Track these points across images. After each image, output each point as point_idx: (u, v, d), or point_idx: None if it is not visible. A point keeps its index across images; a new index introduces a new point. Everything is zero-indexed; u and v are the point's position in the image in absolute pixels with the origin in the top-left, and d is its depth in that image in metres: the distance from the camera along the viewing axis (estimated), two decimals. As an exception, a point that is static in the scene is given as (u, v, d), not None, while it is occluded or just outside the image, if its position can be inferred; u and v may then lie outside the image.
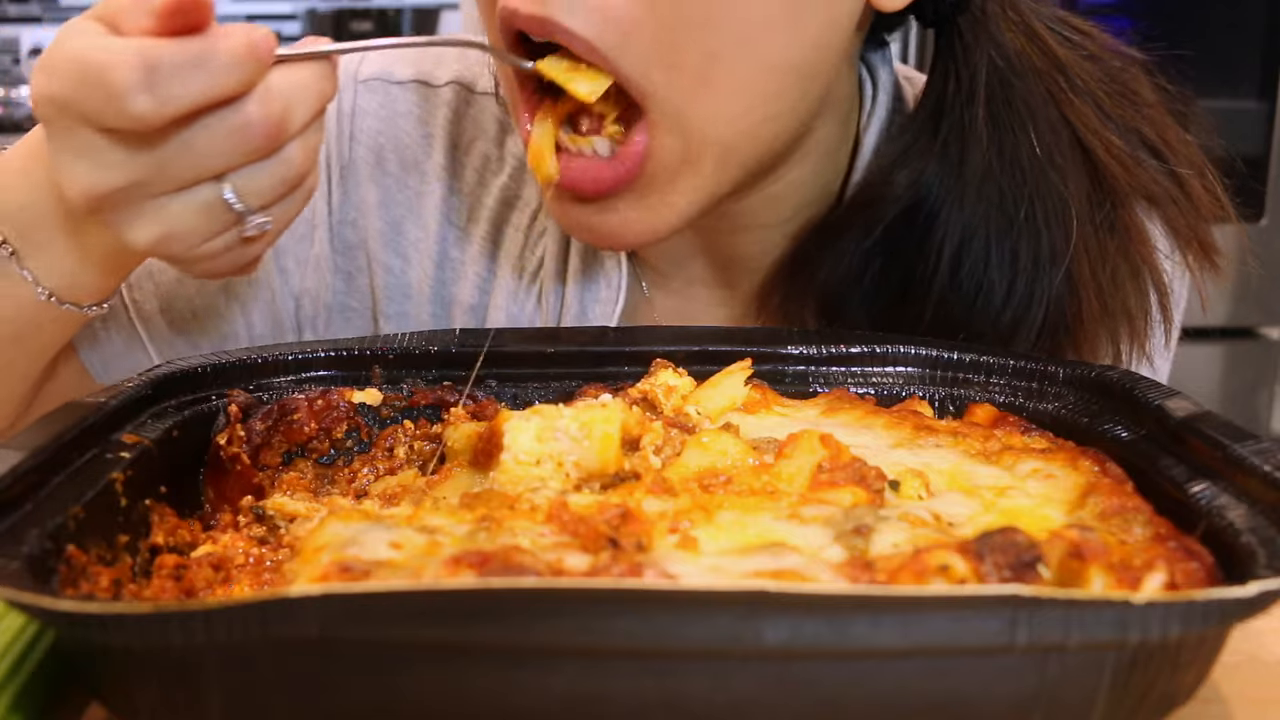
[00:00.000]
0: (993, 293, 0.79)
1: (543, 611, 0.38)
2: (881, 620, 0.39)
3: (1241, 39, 2.02)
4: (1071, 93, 0.79)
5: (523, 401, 0.69)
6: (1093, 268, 0.79)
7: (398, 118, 0.92)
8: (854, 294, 0.82)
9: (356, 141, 0.91)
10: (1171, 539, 0.50)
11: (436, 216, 0.91)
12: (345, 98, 0.91)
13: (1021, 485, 0.56)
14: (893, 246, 0.81)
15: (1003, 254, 0.78)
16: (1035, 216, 0.78)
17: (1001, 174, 0.78)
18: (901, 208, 0.80)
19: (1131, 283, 0.81)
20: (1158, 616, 0.39)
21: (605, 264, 0.89)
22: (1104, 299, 0.80)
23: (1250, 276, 0.97)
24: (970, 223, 0.78)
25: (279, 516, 0.58)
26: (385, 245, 0.92)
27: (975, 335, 0.79)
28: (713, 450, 0.57)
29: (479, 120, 0.92)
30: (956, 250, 0.79)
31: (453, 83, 0.93)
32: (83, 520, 0.49)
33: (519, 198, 0.91)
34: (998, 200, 0.78)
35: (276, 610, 0.38)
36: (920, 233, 0.79)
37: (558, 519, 0.48)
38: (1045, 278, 0.78)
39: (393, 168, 0.92)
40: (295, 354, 0.68)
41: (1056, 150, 0.78)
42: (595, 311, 0.88)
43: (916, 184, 0.79)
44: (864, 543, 0.48)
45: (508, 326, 0.90)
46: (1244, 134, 2.02)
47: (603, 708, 0.40)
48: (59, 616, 0.40)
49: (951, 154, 0.79)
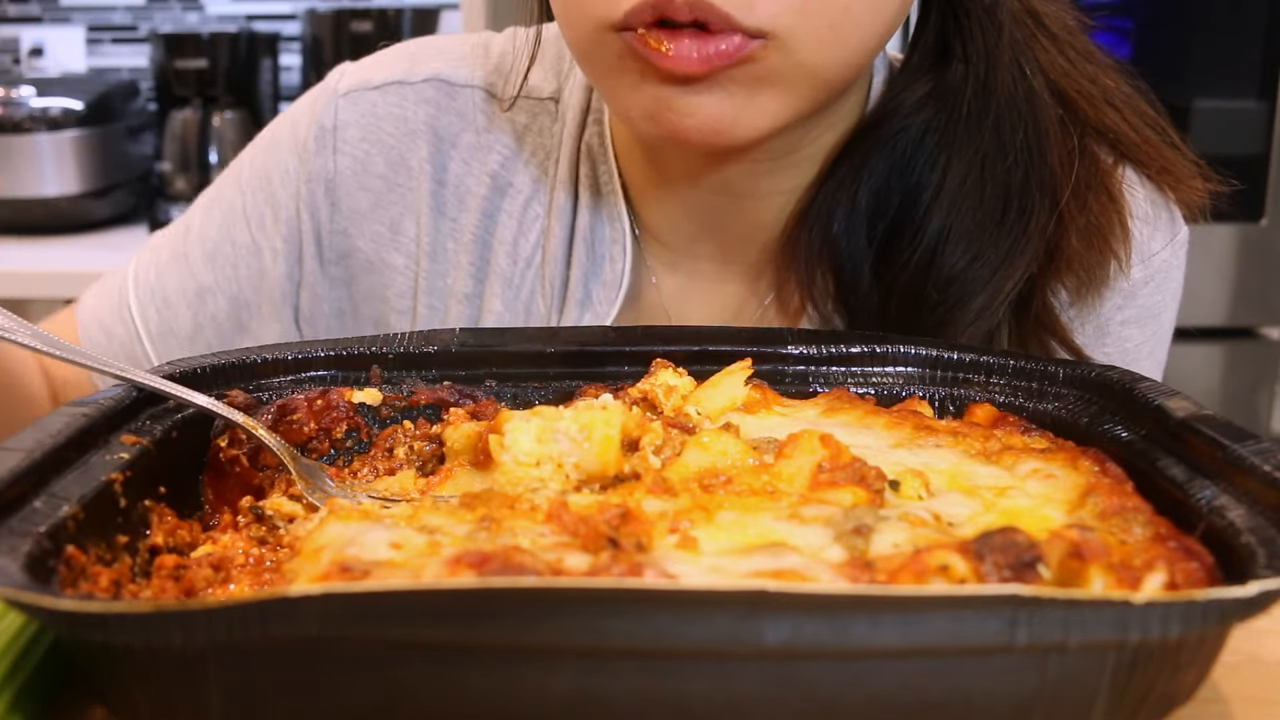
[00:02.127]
0: (988, 223, 0.83)
1: (543, 611, 0.38)
2: (881, 620, 0.39)
3: (1241, 39, 2.02)
4: (1043, 36, 0.83)
5: (523, 401, 0.69)
6: (1073, 195, 0.83)
7: (379, 121, 0.93)
8: (859, 234, 0.85)
9: (340, 154, 0.92)
10: (1171, 539, 0.50)
11: (427, 210, 0.92)
12: (328, 114, 0.93)
13: (1021, 485, 0.56)
14: (898, 182, 0.84)
15: (997, 184, 0.82)
16: (1028, 147, 0.82)
17: (990, 109, 0.82)
18: (906, 143, 0.84)
19: (1103, 215, 0.85)
20: (1158, 616, 0.39)
21: (610, 246, 0.89)
22: (1082, 229, 0.84)
23: (1250, 276, 0.99)
24: (967, 157, 0.83)
25: (278, 517, 0.58)
26: (385, 245, 0.93)
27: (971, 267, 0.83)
28: (713, 450, 0.57)
29: (463, 112, 0.93)
30: (961, 180, 0.82)
31: (431, 79, 0.93)
32: (82, 521, 0.49)
33: (511, 185, 0.92)
34: (993, 134, 0.82)
35: (276, 610, 0.38)
36: (923, 169, 0.83)
37: (558, 519, 0.48)
38: (1034, 204, 0.82)
39: (380, 169, 0.92)
40: (294, 354, 0.68)
41: (1035, 85, 0.82)
42: (598, 294, 0.89)
43: (919, 119, 0.84)
44: (864, 543, 0.48)
45: (505, 315, 0.91)
46: (1244, 134, 2.02)
47: (603, 707, 0.40)
48: (59, 616, 0.40)
49: (947, 90, 0.83)
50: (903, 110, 0.84)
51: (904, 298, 0.84)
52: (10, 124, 2.22)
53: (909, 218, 0.84)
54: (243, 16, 2.69)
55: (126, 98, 2.46)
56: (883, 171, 0.84)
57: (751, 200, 0.88)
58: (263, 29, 2.57)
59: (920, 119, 0.84)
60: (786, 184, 0.87)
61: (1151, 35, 2.00)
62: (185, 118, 2.37)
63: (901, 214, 0.84)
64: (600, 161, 0.91)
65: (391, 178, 0.92)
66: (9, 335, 0.59)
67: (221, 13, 2.70)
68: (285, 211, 0.94)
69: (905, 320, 0.84)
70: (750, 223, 0.89)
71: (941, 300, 0.83)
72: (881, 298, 0.85)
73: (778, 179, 0.87)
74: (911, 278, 0.83)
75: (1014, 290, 0.83)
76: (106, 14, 2.73)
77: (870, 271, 0.85)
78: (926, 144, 0.84)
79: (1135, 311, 0.90)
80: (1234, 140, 2.01)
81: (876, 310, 0.86)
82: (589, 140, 0.91)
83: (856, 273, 0.85)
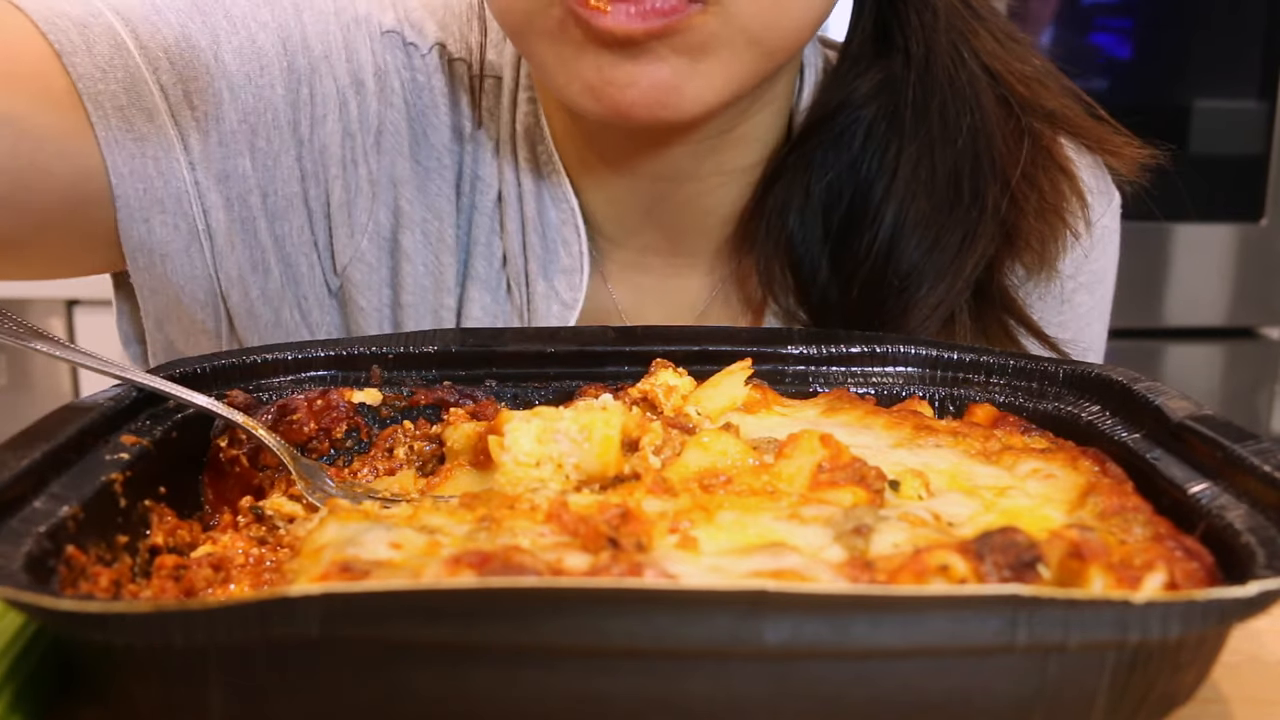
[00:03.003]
0: (942, 209, 0.84)
1: (543, 611, 0.38)
2: (881, 620, 0.39)
3: (1241, 39, 2.02)
4: (974, 20, 0.85)
5: (523, 401, 0.69)
6: (1023, 175, 0.85)
7: (416, 85, 0.87)
8: (814, 227, 0.85)
9: (390, 106, 0.86)
10: (1171, 539, 0.50)
11: (448, 205, 0.89)
12: (370, 56, 0.84)
13: (1021, 485, 0.56)
14: (850, 174, 0.85)
15: (947, 170, 0.84)
16: (974, 132, 0.84)
17: (934, 96, 0.84)
18: (856, 135, 0.85)
19: (1054, 190, 0.87)
20: (1158, 616, 0.39)
21: (561, 229, 0.87)
22: (1035, 207, 0.86)
23: (1250, 276, 1.00)
24: (916, 145, 0.84)
25: (278, 516, 0.58)
26: (412, 227, 0.87)
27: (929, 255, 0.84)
28: (713, 450, 0.57)
29: (458, 92, 0.88)
30: (913, 168, 0.84)
31: (436, 44, 0.88)
32: (82, 521, 0.49)
33: (478, 178, 0.88)
34: (939, 120, 0.84)
35: (277, 610, 0.38)
36: (873, 159, 0.84)
37: (558, 519, 0.48)
38: (985, 186, 0.84)
39: (416, 134, 0.87)
40: (294, 354, 0.68)
41: (974, 69, 0.84)
42: (560, 282, 0.86)
43: (867, 111, 0.85)
44: (864, 543, 0.48)
45: (483, 319, 0.88)
46: (1243, 134, 2.02)
47: (603, 707, 0.40)
48: (59, 616, 0.40)
49: (891, 80, 0.84)
50: (853, 102, 0.85)
51: (865, 288, 0.85)
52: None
53: (863, 209, 0.85)
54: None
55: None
56: (834, 164, 0.85)
57: (694, 184, 0.86)
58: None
59: (869, 111, 0.85)
60: (728, 165, 0.86)
61: (1151, 35, 2.00)
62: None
63: (855, 205, 0.85)
64: (538, 142, 0.87)
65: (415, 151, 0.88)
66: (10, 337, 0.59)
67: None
68: (340, 152, 0.84)
69: (867, 311, 0.85)
70: (696, 209, 0.88)
71: (903, 288, 0.84)
72: (841, 289, 0.86)
73: (719, 158, 0.85)
74: (870, 268, 0.84)
75: (974, 273, 0.84)
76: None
77: (828, 264, 0.86)
78: (875, 134, 0.85)
79: (1086, 278, 0.93)
80: (1233, 140, 2.01)
81: (837, 302, 0.86)
82: (525, 121, 0.88)
83: (814, 265, 0.86)
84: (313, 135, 0.83)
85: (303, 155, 0.83)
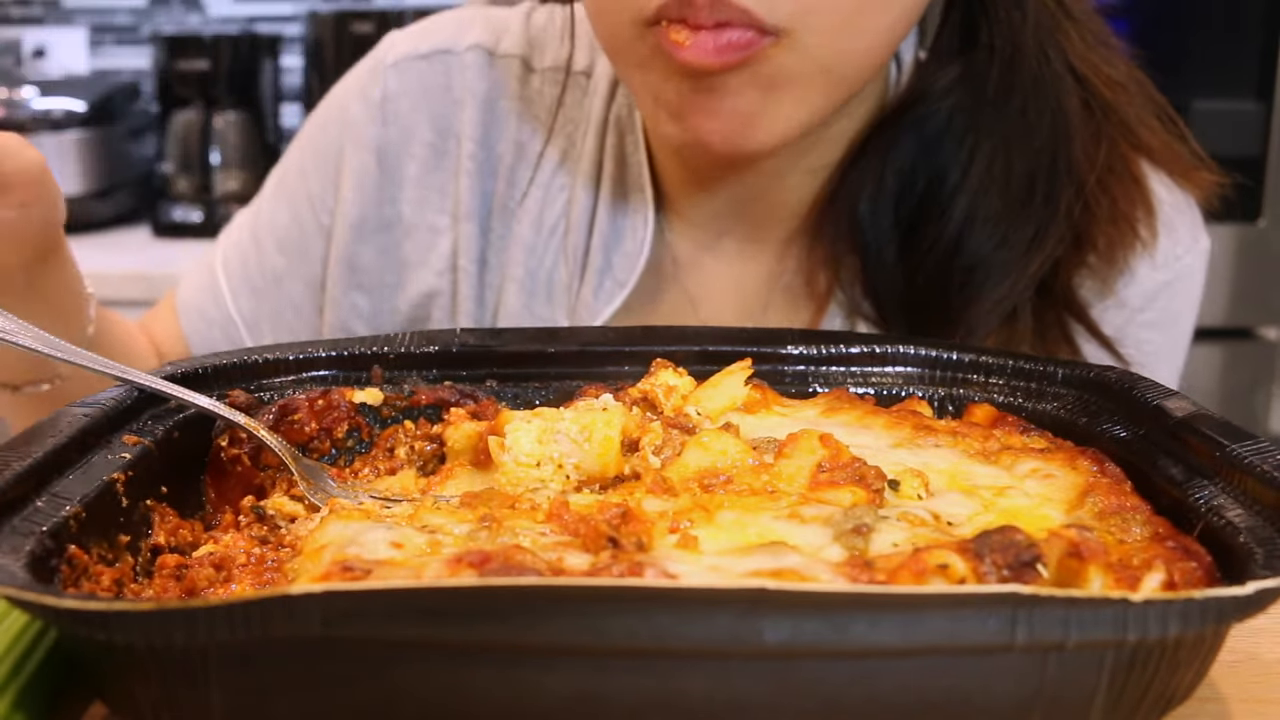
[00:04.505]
0: (1014, 207, 0.84)
1: (543, 610, 0.38)
2: (881, 619, 0.39)
3: (1241, 39, 2.02)
4: (1065, 20, 0.85)
5: (523, 401, 0.69)
6: (1098, 180, 0.85)
7: (427, 91, 0.95)
8: (885, 216, 0.86)
9: (389, 125, 0.95)
10: (1170, 538, 0.50)
11: (466, 175, 0.94)
12: (375, 88, 0.95)
13: (1020, 485, 0.56)
14: (925, 165, 0.86)
15: (1024, 168, 0.84)
16: (1054, 131, 0.83)
17: (1016, 92, 0.83)
18: (933, 127, 0.85)
19: (1127, 200, 0.86)
20: (1156, 616, 0.40)
21: (633, 216, 0.91)
22: (1108, 214, 0.85)
23: (1248, 276, 1.00)
24: (994, 140, 0.84)
25: (279, 516, 0.59)
26: (430, 209, 0.95)
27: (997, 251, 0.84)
28: (713, 450, 0.57)
29: (501, 82, 0.95)
30: (988, 164, 0.84)
31: (474, 47, 0.96)
32: (84, 520, 0.49)
33: (540, 155, 0.94)
34: (1019, 117, 0.83)
35: (278, 609, 0.38)
36: (949, 152, 0.85)
37: (558, 518, 0.48)
38: (1060, 188, 0.84)
39: (429, 138, 0.95)
40: (296, 354, 0.68)
41: (1059, 69, 0.84)
42: (619, 263, 0.90)
43: (946, 103, 0.85)
44: (863, 542, 0.48)
45: (526, 281, 0.92)
46: (1242, 134, 2.02)
47: (603, 706, 0.40)
48: (62, 615, 0.40)
49: (973, 74, 0.84)
50: (932, 95, 0.86)
51: (929, 279, 0.85)
52: (13, 125, 2.22)
53: (935, 200, 0.85)
54: (244, 18, 2.69)
55: (128, 99, 2.47)
56: (909, 154, 0.86)
57: (776, 179, 0.89)
58: (264, 30, 2.57)
59: (948, 103, 0.85)
60: (815, 163, 0.89)
61: (1149, 35, 2.00)
62: (187, 119, 2.37)
63: (927, 197, 0.86)
64: (628, 132, 0.93)
65: (439, 144, 0.95)
66: (10, 338, 0.59)
67: (223, 14, 2.70)
68: (342, 190, 0.96)
69: (931, 303, 0.85)
70: (775, 203, 0.90)
71: (967, 282, 0.84)
72: (907, 279, 0.87)
73: (806, 159, 0.88)
74: (936, 260, 0.85)
75: (1039, 272, 0.84)
76: (109, 15, 2.73)
77: (896, 253, 0.87)
78: (953, 127, 0.85)
79: (1155, 314, 0.91)
80: (1232, 141, 2.01)
81: (903, 294, 0.87)
82: (618, 111, 0.94)
83: (881, 253, 0.87)
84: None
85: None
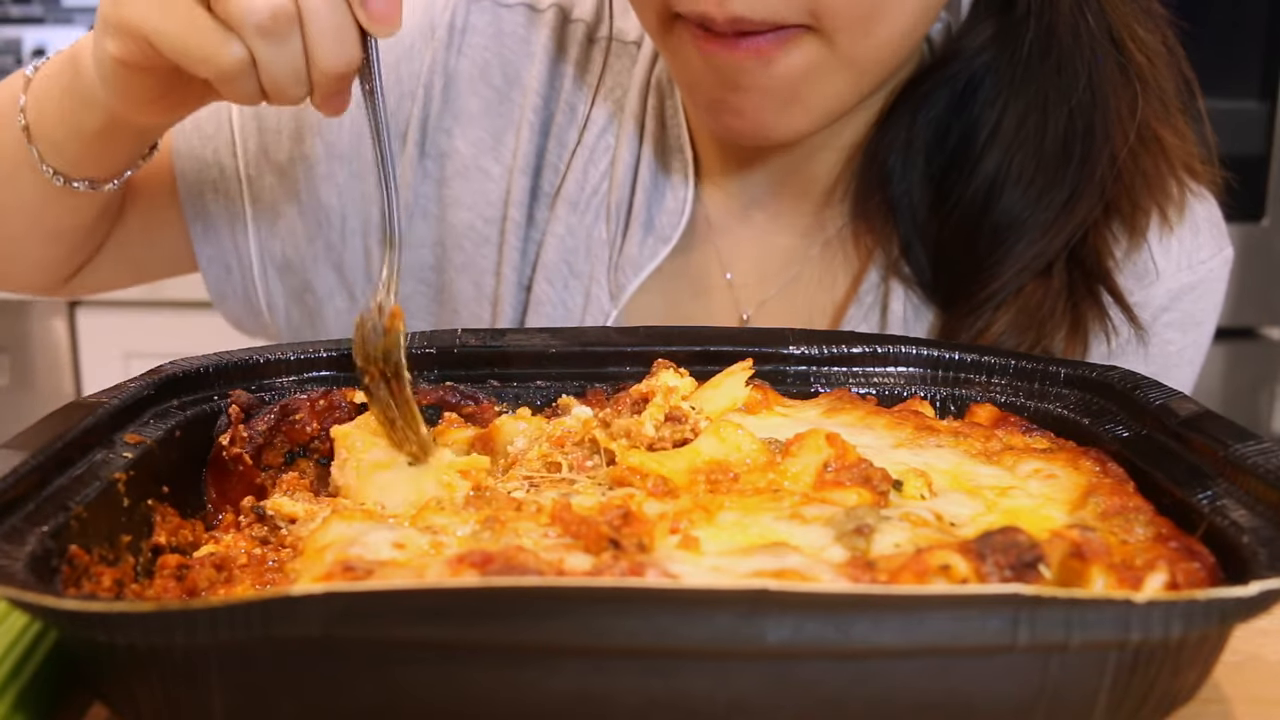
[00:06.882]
0: (1048, 168, 0.84)
1: (545, 611, 0.38)
2: (883, 620, 0.39)
3: (1241, 39, 2.02)
4: None
5: (525, 401, 0.69)
6: (1130, 147, 0.85)
7: (504, 36, 0.96)
8: (916, 168, 0.87)
9: (463, 55, 0.96)
10: (1173, 539, 0.50)
11: (528, 127, 0.95)
12: (458, 14, 0.96)
13: (1023, 485, 0.56)
14: (956, 119, 0.86)
15: (1058, 130, 0.84)
16: (1091, 94, 0.83)
17: (1051, 52, 0.83)
18: (966, 82, 0.86)
19: (1155, 170, 0.87)
20: (1159, 616, 0.40)
21: (673, 174, 0.93)
22: (1136, 182, 0.86)
23: (1250, 276, 1.00)
24: (1027, 98, 0.84)
25: (280, 516, 0.58)
26: (485, 152, 0.96)
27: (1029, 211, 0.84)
28: (728, 442, 0.57)
29: (566, 45, 0.97)
30: (1020, 121, 0.84)
31: (554, 6, 0.98)
32: (85, 520, 0.49)
33: (588, 117, 0.96)
34: (1054, 77, 0.83)
35: (279, 609, 0.38)
36: (981, 107, 0.86)
37: (560, 520, 0.48)
38: (1096, 152, 0.84)
39: (497, 82, 0.96)
40: (297, 354, 0.68)
41: (1095, 29, 0.83)
42: (661, 220, 0.92)
43: (980, 60, 0.86)
44: (865, 543, 0.48)
45: (567, 238, 0.93)
46: (1244, 134, 2.02)
47: (605, 707, 0.40)
48: (62, 616, 0.40)
49: (1009, 32, 0.84)
50: (966, 52, 0.86)
51: (959, 234, 0.86)
52: (12, 124, 2.22)
53: (965, 154, 0.86)
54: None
55: (128, 98, 2.46)
56: (941, 107, 0.87)
57: (809, 156, 0.91)
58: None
59: (981, 60, 0.86)
60: (846, 141, 0.91)
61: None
62: (186, 117, 2.37)
63: (959, 152, 0.86)
64: (668, 96, 0.95)
65: (505, 90, 0.96)
66: None
67: (222, 13, 2.70)
68: (404, 85, 0.95)
69: (963, 259, 0.86)
70: (808, 176, 0.93)
71: (1000, 240, 0.85)
72: (938, 235, 0.88)
73: (839, 137, 0.90)
74: (965, 214, 0.85)
75: (1074, 235, 0.85)
76: (108, 14, 2.73)
77: (927, 210, 0.88)
78: (987, 83, 0.86)
79: (1178, 315, 0.91)
80: (1234, 141, 2.00)
81: (935, 249, 0.88)
82: (659, 74, 0.96)
83: (912, 205, 0.88)
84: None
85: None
